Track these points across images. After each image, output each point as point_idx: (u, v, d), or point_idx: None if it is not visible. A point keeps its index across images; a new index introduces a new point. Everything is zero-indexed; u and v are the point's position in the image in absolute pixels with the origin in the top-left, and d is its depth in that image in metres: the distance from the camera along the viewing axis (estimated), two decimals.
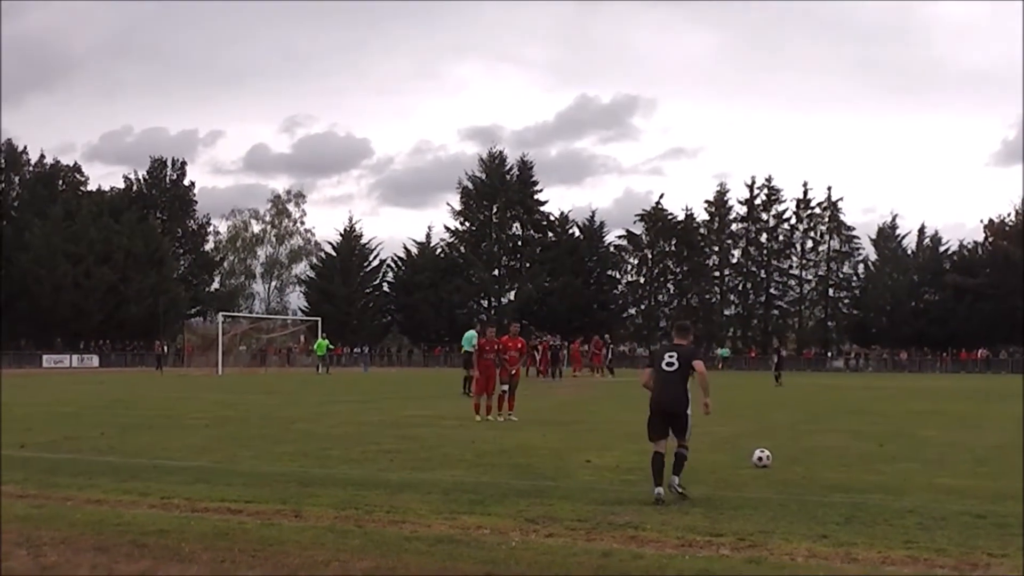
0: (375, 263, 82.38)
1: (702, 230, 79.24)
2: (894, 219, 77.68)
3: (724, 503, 8.26)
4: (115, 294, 70.40)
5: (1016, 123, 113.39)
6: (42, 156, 77.73)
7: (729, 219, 78.69)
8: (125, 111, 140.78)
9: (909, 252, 76.29)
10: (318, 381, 39.14)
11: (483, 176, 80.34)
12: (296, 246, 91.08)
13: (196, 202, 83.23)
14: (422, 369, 62.16)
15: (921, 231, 76.48)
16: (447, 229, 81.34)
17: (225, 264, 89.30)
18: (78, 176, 79.48)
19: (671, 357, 9.00)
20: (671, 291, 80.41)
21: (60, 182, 77.15)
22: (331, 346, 54.46)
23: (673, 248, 79.46)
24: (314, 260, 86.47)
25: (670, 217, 79.32)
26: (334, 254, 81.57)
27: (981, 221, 79.56)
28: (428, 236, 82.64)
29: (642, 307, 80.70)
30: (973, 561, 6.26)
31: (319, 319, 59.96)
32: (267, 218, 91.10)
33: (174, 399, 25.34)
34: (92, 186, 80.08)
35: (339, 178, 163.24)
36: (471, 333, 26.21)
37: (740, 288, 79.02)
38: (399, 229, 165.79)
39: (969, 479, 10.04)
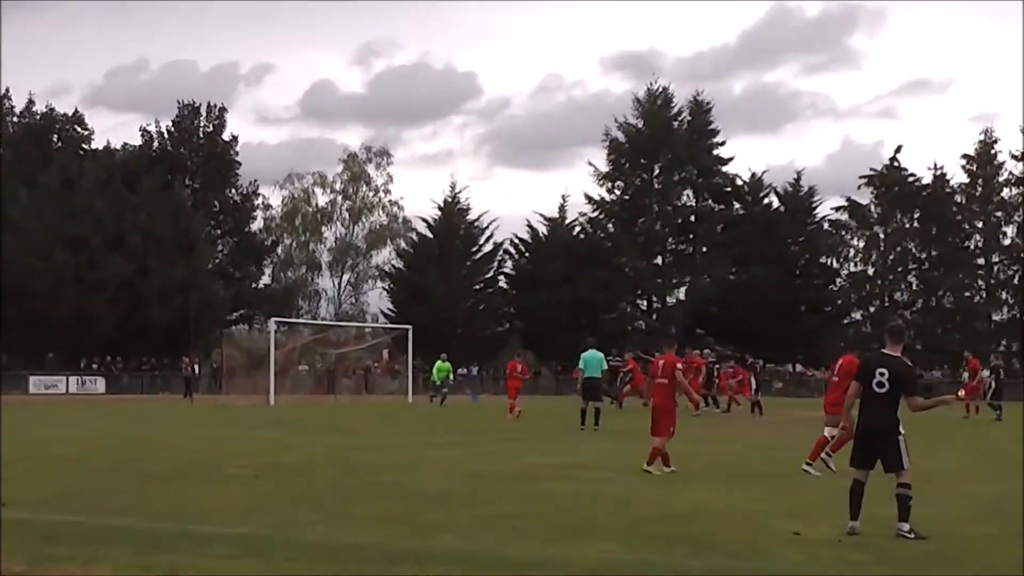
0: (487, 248, 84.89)
1: (959, 198, 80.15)
2: None
3: None
4: (130, 292, 73.35)
5: None
6: (30, 102, 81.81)
7: (999, 181, 79.06)
8: (139, 39, 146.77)
9: None
10: (420, 416, 40.68)
11: (639, 124, 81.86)
12: (378, 225, 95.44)
13: (239, 164, 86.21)
14: (554, 398, 62.96)
15: None
16: (588, 199, 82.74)
17: (279, 250, 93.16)
18: (79, 129, 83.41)
19: (881, 376, 10.96)
20: (914, 286, 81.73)
21: (55, 138, 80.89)
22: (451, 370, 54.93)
23: (916, 224, 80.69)
24: (403, 244, 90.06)
25: (911, 179, 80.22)
26: (430, 236, 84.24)
27: None
28: (562, 210, 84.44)
29: (871, 309, 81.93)
30: None
31: (410, 327, 61.47)
32: (337, 185, 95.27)
33: (210, 438, 26.41)
34: (98, 143, 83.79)
35: (435, 128, 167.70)
36: (598, 355, 29.89)
37: (1017, 282, 78.94)
38: (521, 200, 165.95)
39: None
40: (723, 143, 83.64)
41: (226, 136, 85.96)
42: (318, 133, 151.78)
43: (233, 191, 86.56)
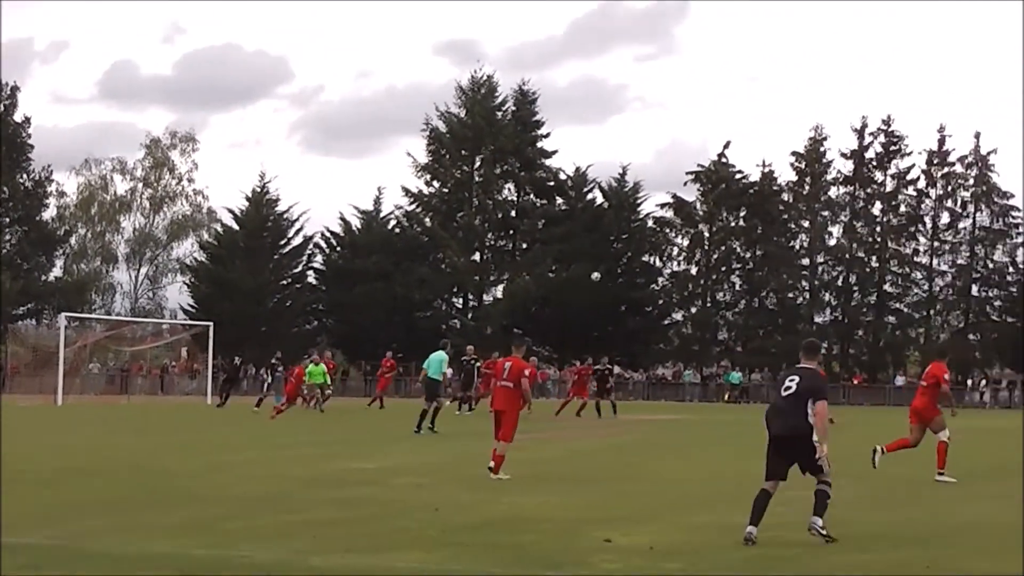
0: (297, 241, 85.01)
1: (785, 196, 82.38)
2: None
3: None
4: None
5: None
6: None
7: (826, 181, 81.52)
8: None
9: None
10: (220, 417, 41.29)
11: (461, 113, 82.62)
12: (181, 215, 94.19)
13: (31, 147, 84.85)
14: (363, 399, 62.45)
15: None
16: (406, 192, 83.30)
17: (72, 241, 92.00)
18: None
19: (791, 381, 12.14)
20: (737, 287, 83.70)
21: None
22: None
23: (742, 223, 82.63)
24: (206, 236, 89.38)
25: (738, 176, 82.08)
26: (236, 228, 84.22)
27: None
28: (378, 202, 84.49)
29: (693, 310, 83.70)
30: None
31: (211, 325, 61.18)
32: (138, 172, 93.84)
33: None
34: None
35: (243, 113, 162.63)
36: (441, 355, 31.16)
37: (840, 283, 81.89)
38: (335, 190, 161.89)
39: None
40: (547, 135, 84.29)
41: (17, 117, 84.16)
42: (118, 116, 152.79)
43: (24, 176, 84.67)
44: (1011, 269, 79.59)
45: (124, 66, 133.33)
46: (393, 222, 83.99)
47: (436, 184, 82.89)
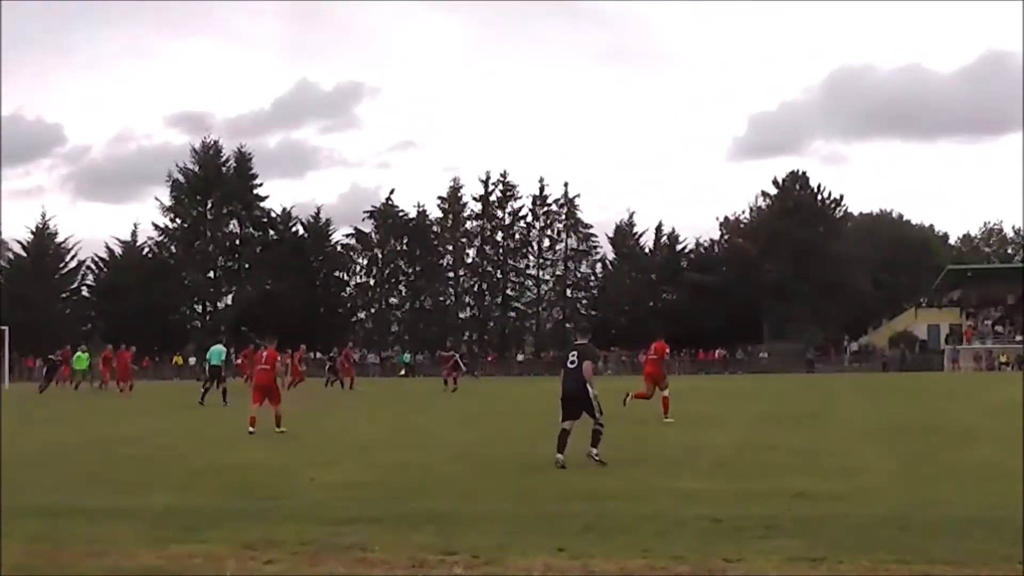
0: (72, 264, 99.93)
1: (435, 228, 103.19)
2: (631, 217, 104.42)
3: (458, 517, 10.40)
4: None
5: (747, 118, 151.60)
6: None
7: (463, 216, 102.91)
8: None
9: (647, 250, 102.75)
10: (11, 399, 41.65)
11: (196, 168, 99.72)
12: None
13: None
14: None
15: (659, 229, 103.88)
16: (156, 227, 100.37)
17: None
18: None
19: (573, 355, 15.08)
20: (403, 293, 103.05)
21: None
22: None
23: (405, 247, 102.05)
24: (1, 262, 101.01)
25: (401, 214, 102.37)
26: (24, 254, 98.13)
27: (717, 219, 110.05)
28: (134, 234, 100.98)
29: (372, 311, 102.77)
30: (710, 567, 8.10)
31: (6, 328, 64.63)
32: None
33: None
34: None
35: (26, 168, 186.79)
36: (220, 348, 35.71)
37: (476, 289, 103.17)
38: (101, 227, 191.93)
39: (708, 482, 13.07)
40: (261, 184, 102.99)
41: None
42: None
43: None
44: (593, 278, 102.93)
45: None
46: (146, 249, 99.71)
47: (178, 220, 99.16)
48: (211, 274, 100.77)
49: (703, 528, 9.78)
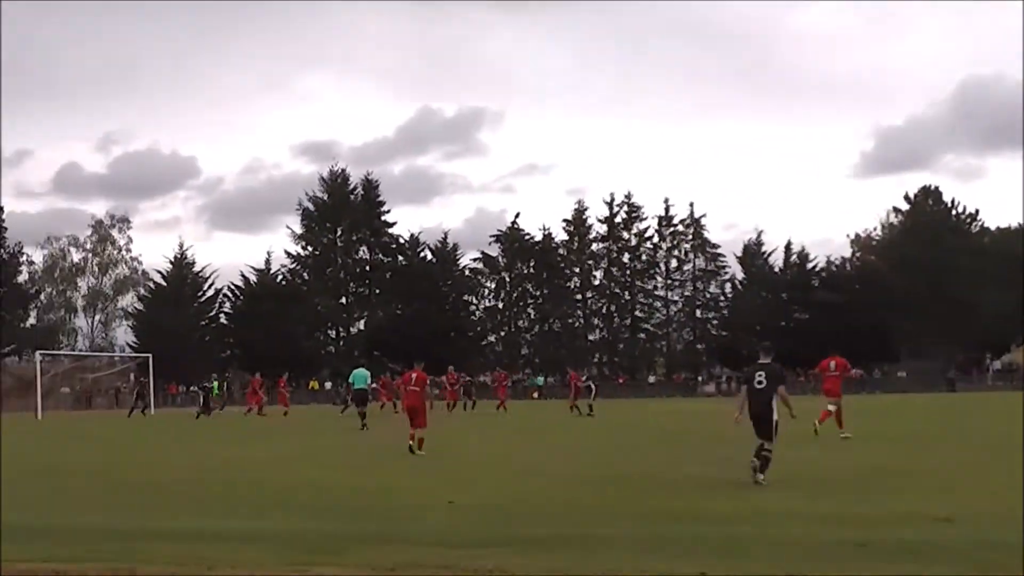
0: (210, 292, 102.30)
1: (561, 251, 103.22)
2: (759, 235, 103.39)
3: (593, 540, 10.48)
4: None
5: (873, 133, 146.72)
6: None
7: (589, 239, 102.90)
8: None
9: (776, 269, 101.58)
10: (160, 425, 44.40)
11: (325, 196, 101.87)
12: (122, 276, 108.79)
13: (6, 229, 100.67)
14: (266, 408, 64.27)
15: (788, 247, 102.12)
16: (288, 254, 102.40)
17: (42, 297, 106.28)
18: None
19: (760, 376, 15.34)
20: (532, 316, 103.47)
21: None
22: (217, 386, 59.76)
23: (532, 270, 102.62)
24: (142, 291, 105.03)
25: (527, 237, 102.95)
26: (164, 284, 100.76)
27: (848, 236, 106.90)
28: (267, 262, 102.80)
29: (502, 334, 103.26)
30: None
31: (149, 355, 68.71)
32: (88, 245, 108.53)
33: None
34: None
35: (163, 200, 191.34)
36: (364, 372, 35.90)
37: (604, 311, 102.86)
38: (235, 255, 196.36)
39: (850, 504, 12.97)
40: (389, 211, 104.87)
41: None
42: (68, 204, 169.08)
43: (2, 251, 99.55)
44: (722, 298, 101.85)
45: (71, 167, 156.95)
46: (279, 277, 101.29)
47: (309, 248, 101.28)
48: (343, 300, 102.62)
49: (846, 553, 9.47)
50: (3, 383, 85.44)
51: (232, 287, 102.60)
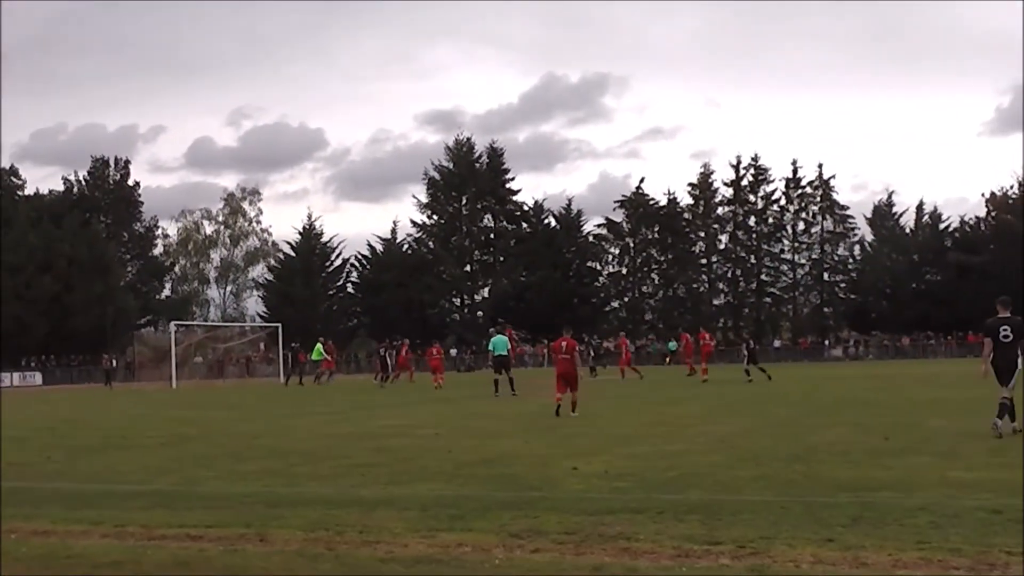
0: (338, 262, 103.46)
1: (686, 215, 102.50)
2: (890, 196, 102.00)
3: (722, 508, 10.10)
4: (58, 305, 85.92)
5: (1009, 90, 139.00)
6: None
7: (715, 202, 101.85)
8: (57, 107, 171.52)
9: (908, 230, 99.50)
10: (290, 393, 45.06)
11: (450, 165, 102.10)
12: (252, 247, 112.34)
13: (142, 203, 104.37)
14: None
15: (920, 207, 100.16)
16: (414, 223, 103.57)
17: (176, 269, 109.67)
18: (15, 180, 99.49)
19: (1006, 330, 15.73)
20: (656, 281, 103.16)
21: None
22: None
23: (656, 235, 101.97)
24: (272, 262, 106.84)
25: (652, 202, 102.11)
26: (293, 254, 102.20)
27: (983, 195, 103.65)
28: (394, 232, 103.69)
29: (626, 299, 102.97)
30: (990, 560, 7.65)
31: (279, 325, 70.67)
32: (220, 218, 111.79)
33: (126, 417, 29.72)
34: (29, 190, 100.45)
35: (292, 172, 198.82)
36: (502, 338, 35.36)
37: (729, 275, 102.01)
38: (362, 225, 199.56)
39: (984, 471, 12.32)
40: (513, 179, 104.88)
41: (131, 182, 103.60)
42: (201, 178, 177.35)
43: (138, 225, 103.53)
44: (851, 261, 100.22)
45: (204, 142, 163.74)
46: (405, 246, 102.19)
47: (435, 217, 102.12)
48: (467, 268, 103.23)
49: (980, 520, 9.27)
50: (140, 354, 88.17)
51: (359, 257, 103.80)
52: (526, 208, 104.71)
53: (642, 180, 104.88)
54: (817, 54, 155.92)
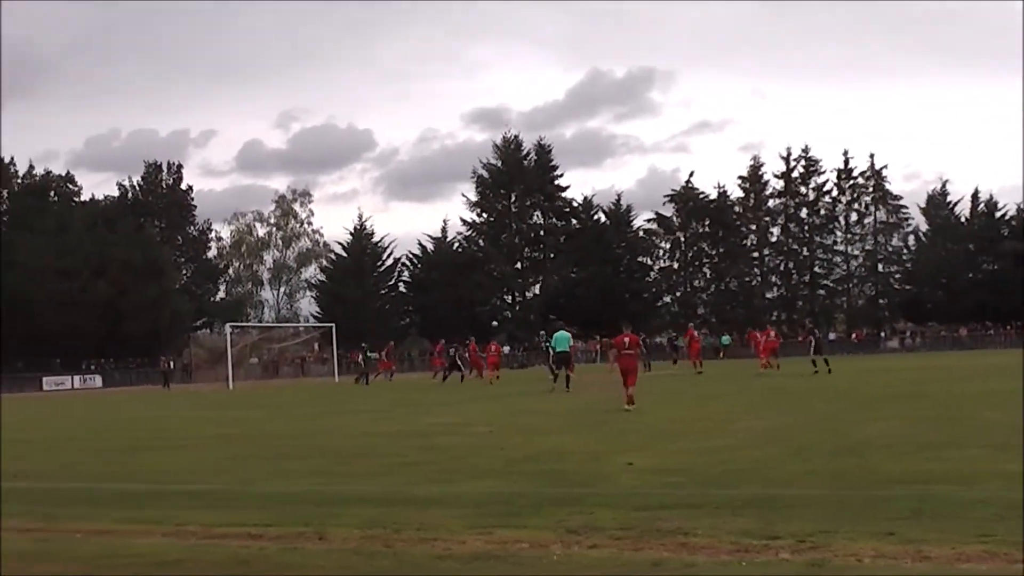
0: (389, 262, 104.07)
1: (737, 208, 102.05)
2: (944, 185, 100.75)
3: (777, 502, 10.04)
4: (114, 309, 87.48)
5: None
6: (31, 167, 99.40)
7: (765, 195, 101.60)
8: (110, 114, 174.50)
9: (963, 219, 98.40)
10: (343, 392, 45.69)
11: (499, 163, 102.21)
12: (304, 248, 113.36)
13: (195, 207, 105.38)
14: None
15: (975, 196, 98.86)
16: (463, 222, 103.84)
17: (230, 271, 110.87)
18: (70, 186, 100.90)
19: None
20: (708, 276, 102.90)
21: (52, 193, 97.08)
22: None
23: (707, 229, 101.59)
24: (324, 263, 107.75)
25: (701, 196, 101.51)
26: (345, 255, 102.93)
27: None
28: (444, 230, 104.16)
29: (677, 294, 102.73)
30: None
31: (332, 325, 71.84)
32: (272, 220, 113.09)
33: (183, 418, 30.40)
34: (85, 195, 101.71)
35: (341, 173, 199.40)
36: (566, 334, 35.78)
37: (782, 268, 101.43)
38: (411, 224, 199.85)
39: None
40: (561, 175, 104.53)
41: (183, 186, 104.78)
42: (251, 181, 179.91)
43: (192, 228, 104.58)
44: (905, 251, 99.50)
45: (253, 144, 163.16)
46: (456, 244, 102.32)
47: (484, 215, 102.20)
48: (518, 265, 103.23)
49: None
50: (196, 356, 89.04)
51: (410, 256, 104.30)
52: (575, 204, 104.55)
53: (692, 174, 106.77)
54: (865, 43, 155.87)
